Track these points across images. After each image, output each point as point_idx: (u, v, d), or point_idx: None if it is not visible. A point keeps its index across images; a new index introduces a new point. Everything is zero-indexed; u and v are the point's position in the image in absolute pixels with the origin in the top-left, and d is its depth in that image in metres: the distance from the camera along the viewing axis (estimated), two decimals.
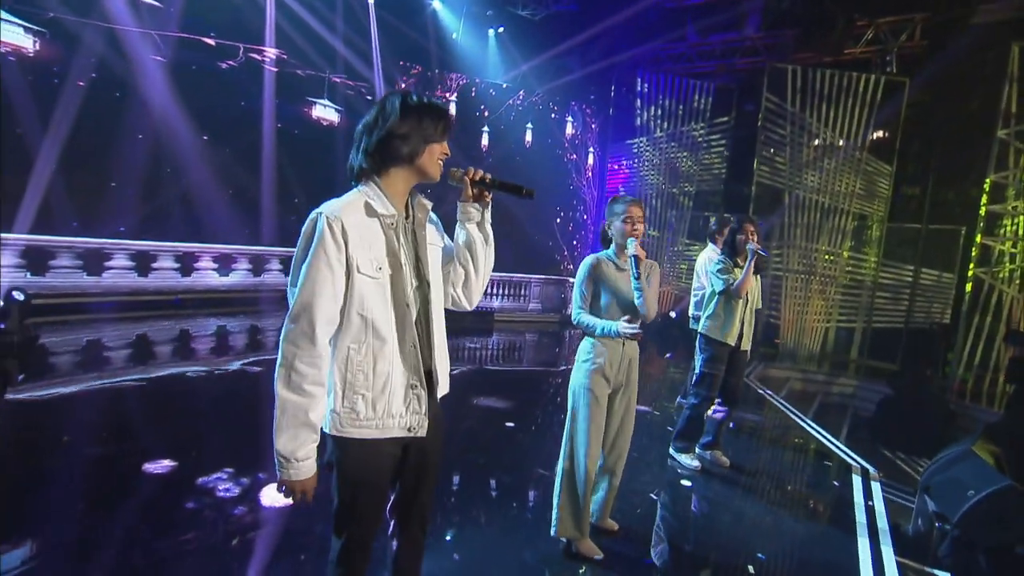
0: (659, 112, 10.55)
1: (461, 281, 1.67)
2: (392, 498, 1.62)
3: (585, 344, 2.60)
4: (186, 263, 8.64)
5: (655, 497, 3.40)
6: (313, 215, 1.38)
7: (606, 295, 2.58)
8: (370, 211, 1.42)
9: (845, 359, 9.68)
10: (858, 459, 4.49)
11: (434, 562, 2.48)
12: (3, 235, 6.50)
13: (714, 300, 3.85)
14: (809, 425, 5.37)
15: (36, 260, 6.93)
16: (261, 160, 9.19)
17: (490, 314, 10.44)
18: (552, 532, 2.60)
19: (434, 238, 1.61)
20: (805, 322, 9.81)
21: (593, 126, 11.08)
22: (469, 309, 1.73)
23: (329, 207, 1.38)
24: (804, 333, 9.85)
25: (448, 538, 2.73)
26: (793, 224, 9.64)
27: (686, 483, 3.66)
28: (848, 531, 3.22)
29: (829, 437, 5.03)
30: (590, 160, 10.98)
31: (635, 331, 2.46)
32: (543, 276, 11.18)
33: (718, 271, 3.77)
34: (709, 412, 3.98)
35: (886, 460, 5.65)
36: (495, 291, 10.82)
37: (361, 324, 1.40)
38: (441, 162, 1.52)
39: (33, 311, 6.68)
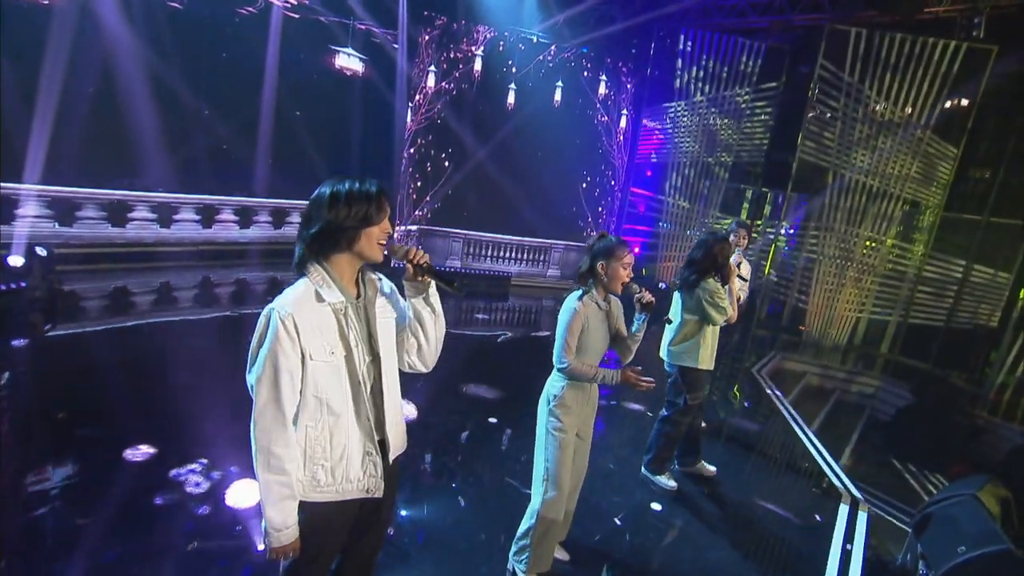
0: (701, 74, 9.71)
1: (415, 350, 1.77)
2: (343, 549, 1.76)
3: (554, 387, 2.51)
4: (208, 216, 8.79)
5: (618, 523, 3.35)
6: (267, 311, 1.47)
7: (590, 341, 2.47)
8: (320, 299, 1.52)
9: (873, 353, 9.21)
10: (850, 486, 4.29)
11: None
12: (32, 186, 6.70)
13: (699, 329, 3.58)
14: (809, 439, 5.15)
15: (63, 211, 7.17)
16: (280, 112, 9.04)
17: (507, 279, 10.33)
18: (523, 569, 2.60)
19: (386, 311, 1.70)
20: (835, 311, 9.30)
21: (629, 86, 10.32)
22: (426, 371, 1.82)
23: (281, 303, 1.48)
24: (832, 322, 9.36)
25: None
26: (834, 207, 8.94)
27: (656, 507, 3.58)
28: None
29: (827, 456, 4.81)
30: (622, 123, 10.31)
31: (649, 382, 2.43)
32: (564, 242, 10.90)
33: (717, 303, 3.46)
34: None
35: (893, 473, 5.42)
36: (513, 255, 10.64)
37: (317, 404, 1.52)
38: (382, 243, 1.58)
39: (60, 260, 6.99)
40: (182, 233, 8.50)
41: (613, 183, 10.45)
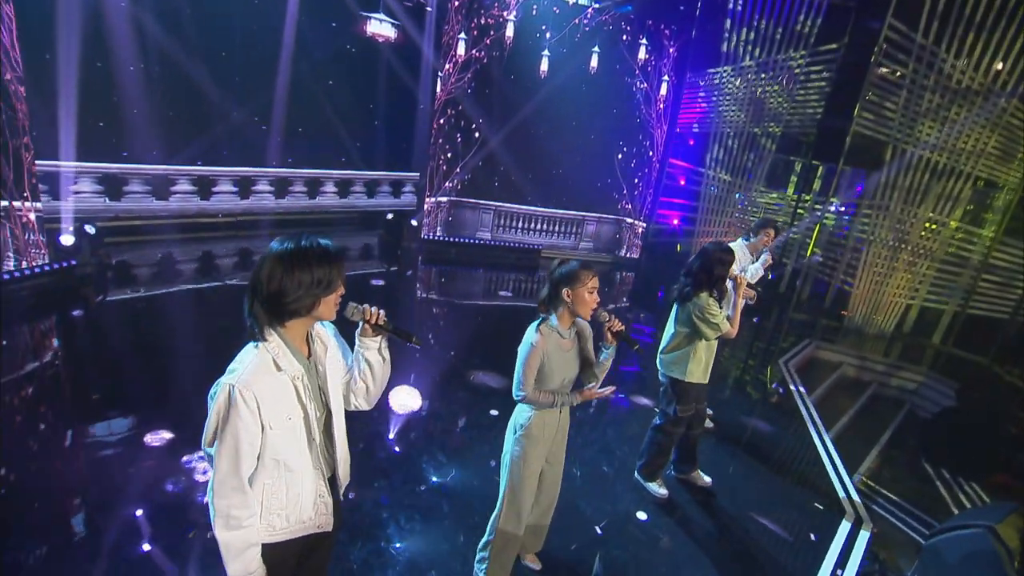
0: (752, 36, 8.91)
1: (362, 393, 1.81)
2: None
3: (521, 416, 2.51)
4: (244, 187, 9.09)
5: (599, 531, 3.39)
6: (225, 386, 1.46)
7: (552, 373, 2.40)
8: (278, 368, 1.53)
9: (923, 344, 8.60)
10: (857, 501, 4.11)
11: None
12: (84, 164, 7.11)
13: (690, 342, 3.43)
14: (824, 445, 4.94)
15: (112, 186, 7.59)
16: (307, 83, 9.04)
17: (536, 251, 10.23)
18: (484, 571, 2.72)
19: (335, 363, 1.72)
20: (883, 296, 8.69)
21: (671, 51, 9.61)
22: (368, 409, 1.87)
23: (239, 378, 1.46)
24: (879, 308, 8.76)
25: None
26: (891, 185, 8.19)
27: (641, 516, 3.58)
28: None
29: (840, 467, 4.61)
30: (663, 90, 9.68)
31: (609, 390, 2.49)
32: (598, 214, 10.61)
33: (707, 319, 3.27)
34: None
35: (923, 479, 5.18)
36: (544, 227, 10.48)
37: (275, 464, 1.57)
38: (337, 304, 1.59)
39: (109, 233, 7.49)
40: (221, 204, 8.87)
41: (651, 154, 9.94)
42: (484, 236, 10.24)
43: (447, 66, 8.88)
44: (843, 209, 9.28)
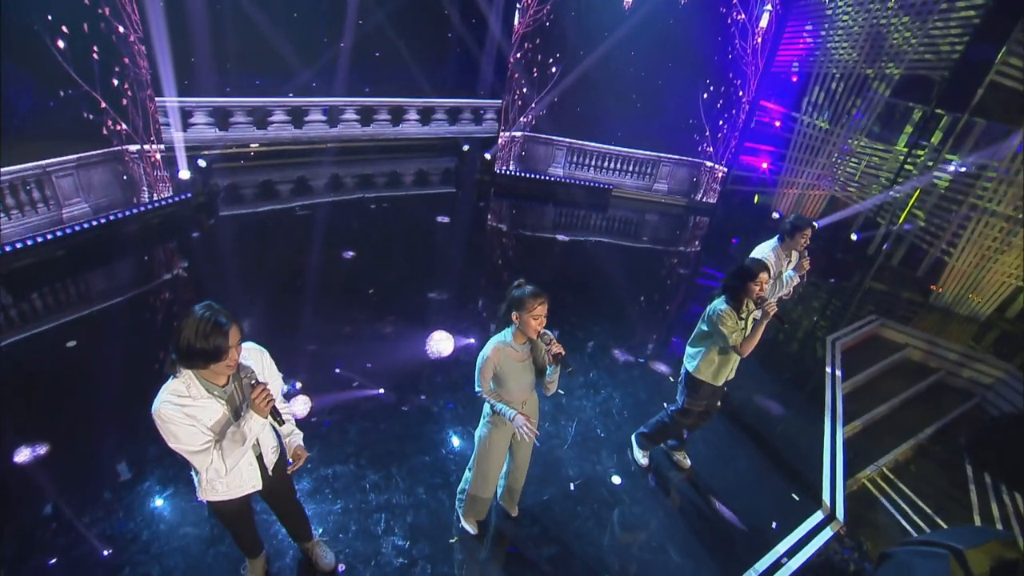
0: None
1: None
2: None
3: (487, 409, 3.00)
4: (332, 116, 9.79)
5: (572, 488, 3.96)
6: (156, 410, 2.01)
7: (506, 379, 2.78)
8: (199, 395, 2.09)
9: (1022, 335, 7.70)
10: (839, 498, 4.22)
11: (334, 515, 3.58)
12: (197, 99, 8.12)
13: (708, 340, 3.56)
14: (834, 437, 4.96)
15: (221, 118, 8.61)
16: (385, 17, 9.17)
17: (606, 190, 10.15)
18: (461, 514, 3.47)
19: (269, 380, 2.33)
20: (985, 276, 7.77)
21: None
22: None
23: (164, 400, 2.04)
24: (979, 287, 7.88)
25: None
26: None
27: (616, 480, 4.06)
28: None
29: (839, 461, 4.67)
30: (763, 21, 8.58)
31: (529, 432, 2.80)
32: (676, 156, 10.13)
33: (719, 329, 3.39)
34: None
35: (956, 482, 4.99)
36: (617, 166, 10.25)
37: (217, 452, 2.18)
38: (230, 368, 2.08)
39: (219, 160, 8.64)
40: (313, 132, 9.69)
41: (741, 94, 9.09)
42: (556, 172, 10.28)
43: None
44: (963, 170, 8.10)
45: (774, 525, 3.92)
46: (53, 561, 3.06)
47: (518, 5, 8.66)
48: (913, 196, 8.24)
